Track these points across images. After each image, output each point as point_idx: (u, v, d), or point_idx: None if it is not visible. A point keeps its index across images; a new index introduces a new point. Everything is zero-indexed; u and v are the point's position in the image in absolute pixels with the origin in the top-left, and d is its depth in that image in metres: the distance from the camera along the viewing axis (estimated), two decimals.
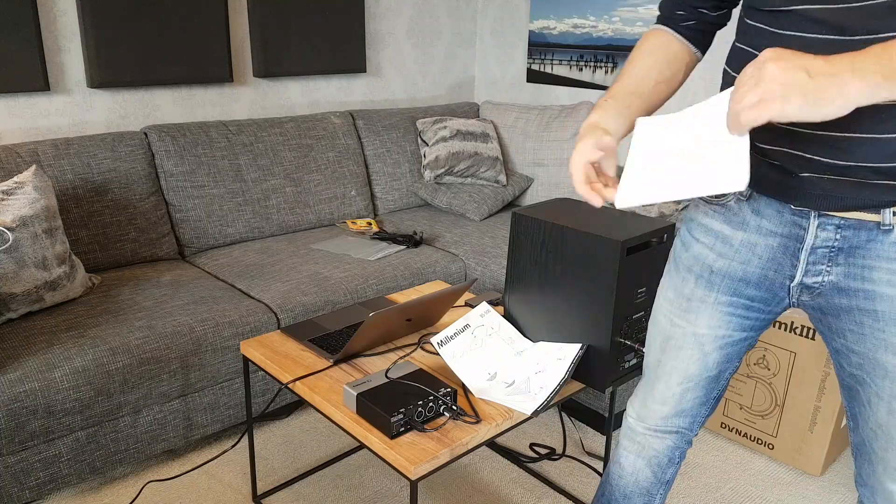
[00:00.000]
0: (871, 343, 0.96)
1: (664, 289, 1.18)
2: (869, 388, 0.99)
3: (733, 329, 1.11)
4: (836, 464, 2.11)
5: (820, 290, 1.00)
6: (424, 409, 1.36)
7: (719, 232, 1.08)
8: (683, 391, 1.18)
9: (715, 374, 1.16)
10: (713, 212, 1.09)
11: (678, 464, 1.29)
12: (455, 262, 2.52)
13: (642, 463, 1.28)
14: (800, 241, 0.99)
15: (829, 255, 0.97)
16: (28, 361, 1.69)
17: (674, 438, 1.25)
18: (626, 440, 1.30)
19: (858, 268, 0.95)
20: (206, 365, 1.93)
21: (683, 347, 1.15)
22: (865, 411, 1.01)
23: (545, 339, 1.63)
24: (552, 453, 2.11)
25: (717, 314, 1.11)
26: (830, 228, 0.95)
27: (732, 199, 1.06)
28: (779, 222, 1.01)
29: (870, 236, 0.93)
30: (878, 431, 1.00)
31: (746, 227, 1.04)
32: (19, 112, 2.32)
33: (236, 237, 2.56)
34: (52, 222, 1.94)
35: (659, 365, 1.20)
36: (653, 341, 1.21)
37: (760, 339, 2.07)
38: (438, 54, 3.48)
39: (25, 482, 1.70)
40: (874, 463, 1.02)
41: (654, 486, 1.29)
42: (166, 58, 2.51)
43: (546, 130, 3.06)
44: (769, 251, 1.03)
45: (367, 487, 1.94)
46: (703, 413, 1.22)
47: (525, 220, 1.60)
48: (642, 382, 1.26)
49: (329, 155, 2.82)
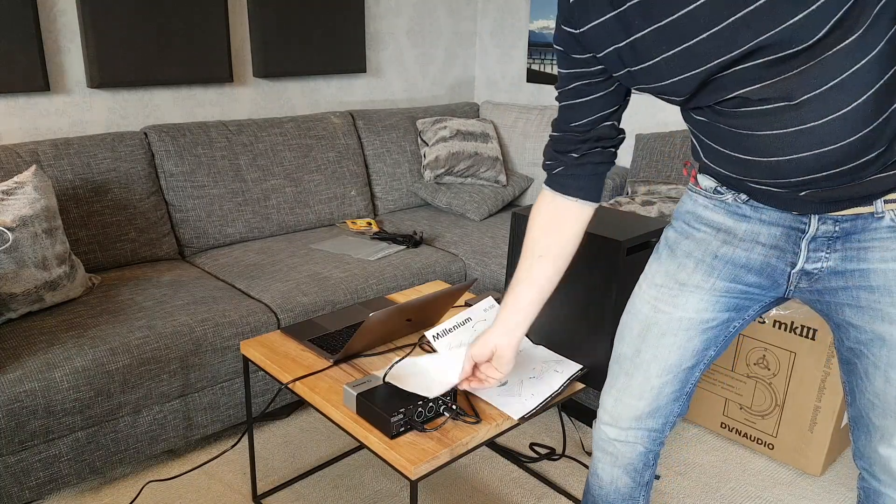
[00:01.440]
0: (868, 315, 1.00)
1: (651, 275, 1.17)
2: (867, 359, 1.03)
3: (719, 311, 1.12)
4: (836, 464, 2.11)
5: (818, 275, 1.04)
6: (424, 409, 1.36)
7: (721, 223, 1.09)
8: (661, 384, 1.17)
9: (692, 365, 1.16)
10: (714, 205, 1.10)
11: (653, 466, 1.28)
12: (455, 262, 2.52)
13: (619, 471, 1.26)
14: (802, 232, 1.02)
15: (828, 242, 1.01)
16: (28, 361, 1.69)
17: (645, 443, 1.22)
18: (598, 451, 1.28)
19: (854, 250, 1.00)
20: (206, 365, 1.93)
21: (666, 334, 1.14)
22: (863, 383, 1.04)
23: (545, 340, 1.63)
24: (552, 453, 2.11)
25: (707, 298, 1.12)
26: (830, 222, 1.00)
27: (730, 197, 1.08)
28: (780, 216, 1.04)
29: (865, 224, 0.98)
30: (874, 401, 1.03)
31: (749, 219, 1.07)
32: (19, 112, 2.32)
33: (236, 237, 2.56)
34: (52, 222, 1.94)
35: (637, 354, 1.17)
36: (628, 331, 1.19)
37: (760, 338, 2.07)
38: (438, 54, 3.48)
39: (25, 482, 1.70)
40: (871, 432, 1.06)
41: (635, 490, 1.28)
42: (166, 58, 2.51)
43: (546, 130, 3.06)
44: (772, 239, 1.05)
45: (367, 487, 1.94)
46: (674, 411, 1.21)
47: (525, 220, 1.60)
48: (614, 377, 1.22)
49: (329, 155, 2.82)
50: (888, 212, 0.96)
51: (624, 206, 2.61)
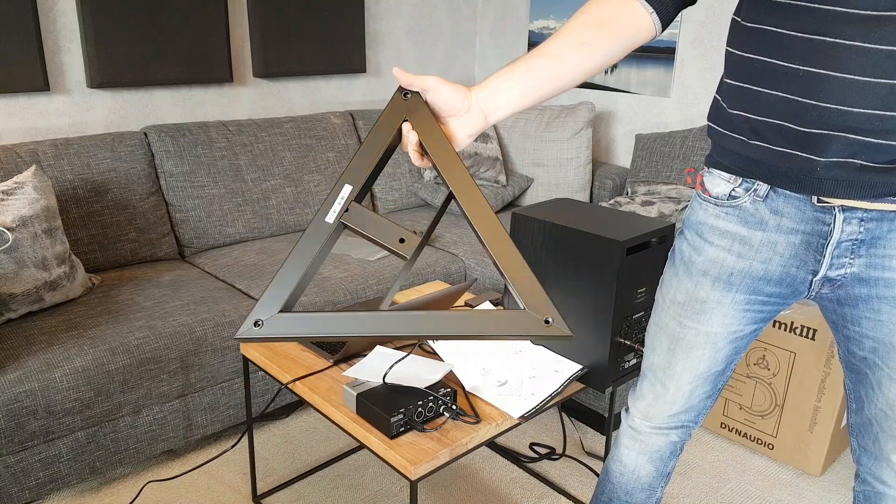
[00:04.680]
0: (888, 328, 0.98)
1: (671, 293, 1.15)
2: (881, 370, 1.01)
3: (746, 323, 1.11)
4: (836, 464, 2.11)
5: (842, 281, 1.00)
6: (424, 409, 1.36)
7: (736, 233, 1.04)
8: (693, 388, 1.19)
9: (722, 368, 1.17)
10: (725, 214, 1.05)
11: (679, 455, 1.31)
12: (455, 262, 2.52)
13: (644, 459, 1.29)
14: (824, 237, 0.98)
15: (852, 247, 0.97)
16: (28, 361, 1.69)
17: (678, 433, 1.26)
18: (627, 439, 1.30)
19: (879, 258, 0.96)
20: (205, 365, 1.93)
21: (695, 347, 1.14)
22: (874, 394, 1.03)
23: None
24: (552, 453, 2.11)
25: (731, 312, 1.10)
26: (855, 222, 0.95)
27: (746, 200, 1.02)
28: (800, 220, 0.99)
29: (891, 227, 0.94)
30: (887, 411, 1.02)
31: (765, 226, 1.02)
32: (19, 112, 2.32)
33: (236, 237, 2.56)
34: (52, 222, 1.94)
35: (669, 366, 1.18)
36: (658, 343, 1.19)
37: (760, 338, 2.07)
38: (438, 54, 3.48)
39: (25, 482, 1.70)
40: (881, 441, 1.05)
41: (655, 480, 1.31)
42: (166, 58, 2.51)
43: (546, 130, 3.06)
44: (791, 248, 1.01)
45: (367, 487, 1.94)
46: (708, 405, 1.23)
47: (525, 220, 1.60)
48: (649, 384, 1.23)
49: (329, 155, 2.82)
50: None
51: (624, 206, 2.61)
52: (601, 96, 3.18)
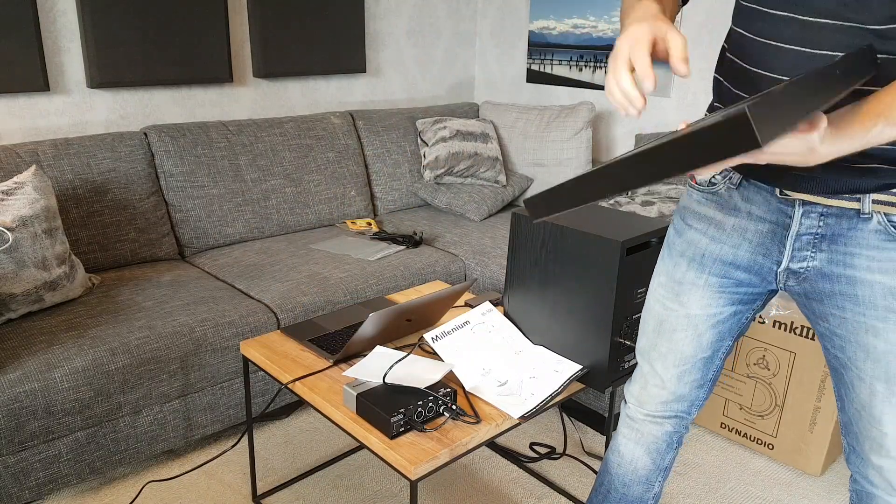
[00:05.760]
0: (853, 326, 1.00)
1: (657, 275, 1.22)
2: (851, 370, 1.03)
3: (724, 305, 1.15)
4: (836, 464, 2.11)
5: (805, 275, 1.04)
6: (424, 409, 1.36)
7: (712, 217, 1.12)
8: (680, 374, 1.22)
9: (709, 355, 1.20)
10: (706, 199, 1.13)
11: (676, 449, 1.32)
12: (455, 262, 2.52)
13: (641, 451, 1.30)
14: (786, 228, 1.03)
15: (813, 241, 1.01)
16: (28, 361, 1.69)
17: (672, 423, 1.28)
18: (624, 427, 1.33)
19: (840, 254, 0.99)
20: (205, 365, 1.93)
21: (677, 329, 1.19)
22: (850, 393, 1.05)
23: (545, 340, 1.63)
24: (552, 453, 2.11)
25: (707, 294, 1.14)
26: (814, 216, 0.99)
27: (723, 186, 1.09)
28: (767, 209, 1.04)
29: (850, 224, 0.97)
30: (861, 412, 1.04)
31: (738, 212, 1.08)
32: (19, 112, 2.32)
33: (236, 237, 2.56)
34: (52, 222, 1.94)
35: (654, 348, 1.23)
36: (646, 326, 1.25)
37: (760, 339, 2.07)
38: (438, 54, 3.48)
39: (25, 482, 1.70)
40: (861, 440, 1.07)
41: (653, 474, 1.32)
42: (166, 58, 2.51)
43: (546, 131, 3.06)
44: (759, 236, 1.06)
45: (367, 487, 1.94)
46: (700, 396, 1.25)
47: (525, 220, 1.60)
48: (639, 367, 1.29)
49: (329, 155, 2.82)
50: (875, 214, 0.94)
51: (624, 206, 2.61)
52: (601, 96, 3.18)
